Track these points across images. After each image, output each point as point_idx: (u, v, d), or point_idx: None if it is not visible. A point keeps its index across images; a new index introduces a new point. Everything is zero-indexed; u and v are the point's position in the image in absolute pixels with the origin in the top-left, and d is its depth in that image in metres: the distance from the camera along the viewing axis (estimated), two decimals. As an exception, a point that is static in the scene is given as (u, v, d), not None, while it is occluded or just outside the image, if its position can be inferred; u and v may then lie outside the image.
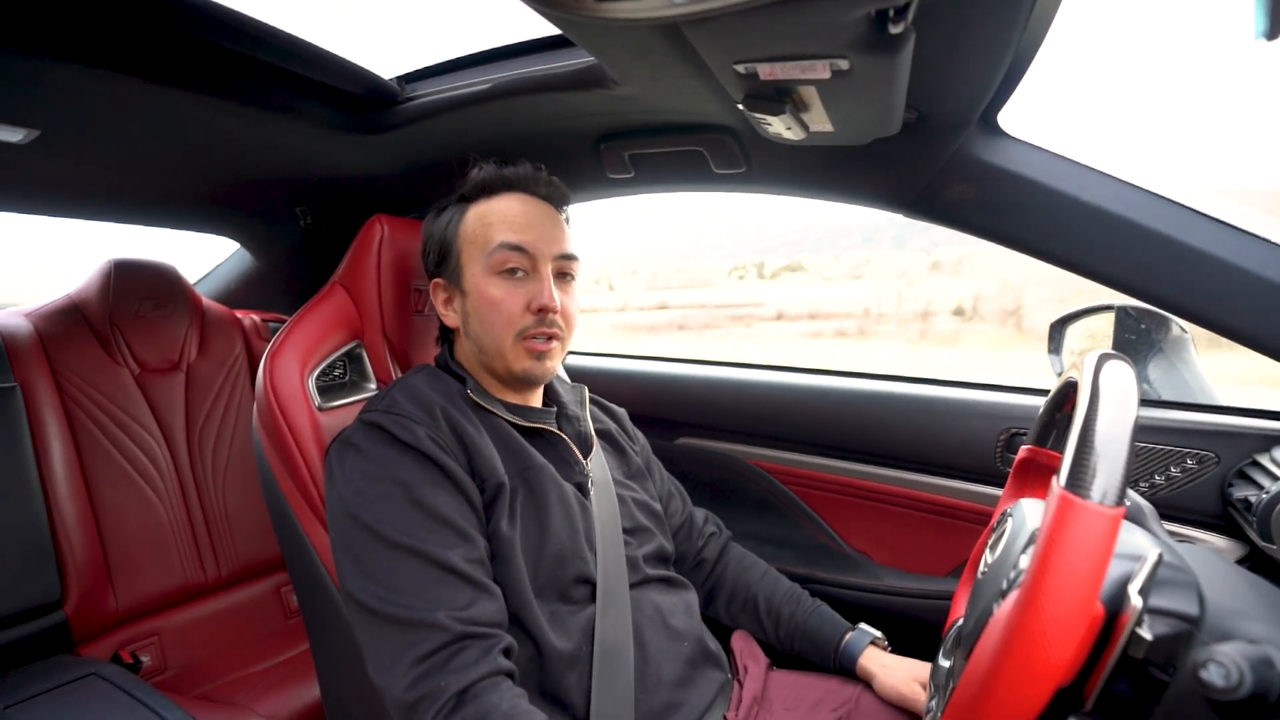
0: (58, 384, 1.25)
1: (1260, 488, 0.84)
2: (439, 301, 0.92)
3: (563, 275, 0.90)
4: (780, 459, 1.35)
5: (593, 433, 0.97)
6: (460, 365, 0.92)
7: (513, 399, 0.92)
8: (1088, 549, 0.42)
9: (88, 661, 1.13)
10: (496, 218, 0.88)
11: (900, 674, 0.92)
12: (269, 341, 0.95)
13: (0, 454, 1.14)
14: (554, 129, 1.07)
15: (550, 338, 0.87)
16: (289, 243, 1.57)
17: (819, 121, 0.79)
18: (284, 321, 1.19)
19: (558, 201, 0.94)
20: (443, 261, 0.91)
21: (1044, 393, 1.13)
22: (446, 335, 0.97)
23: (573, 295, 0.91)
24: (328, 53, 0.93)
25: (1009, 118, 0.91)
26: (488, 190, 0.91)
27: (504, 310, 0.85)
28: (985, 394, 1.17)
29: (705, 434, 1.45)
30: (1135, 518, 0.60)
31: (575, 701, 0.79)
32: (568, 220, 0.95)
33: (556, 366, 0.90)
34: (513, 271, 0.86)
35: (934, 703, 0.63)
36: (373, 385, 1.02)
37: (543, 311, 0.85)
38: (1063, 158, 0.91)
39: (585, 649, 0.81)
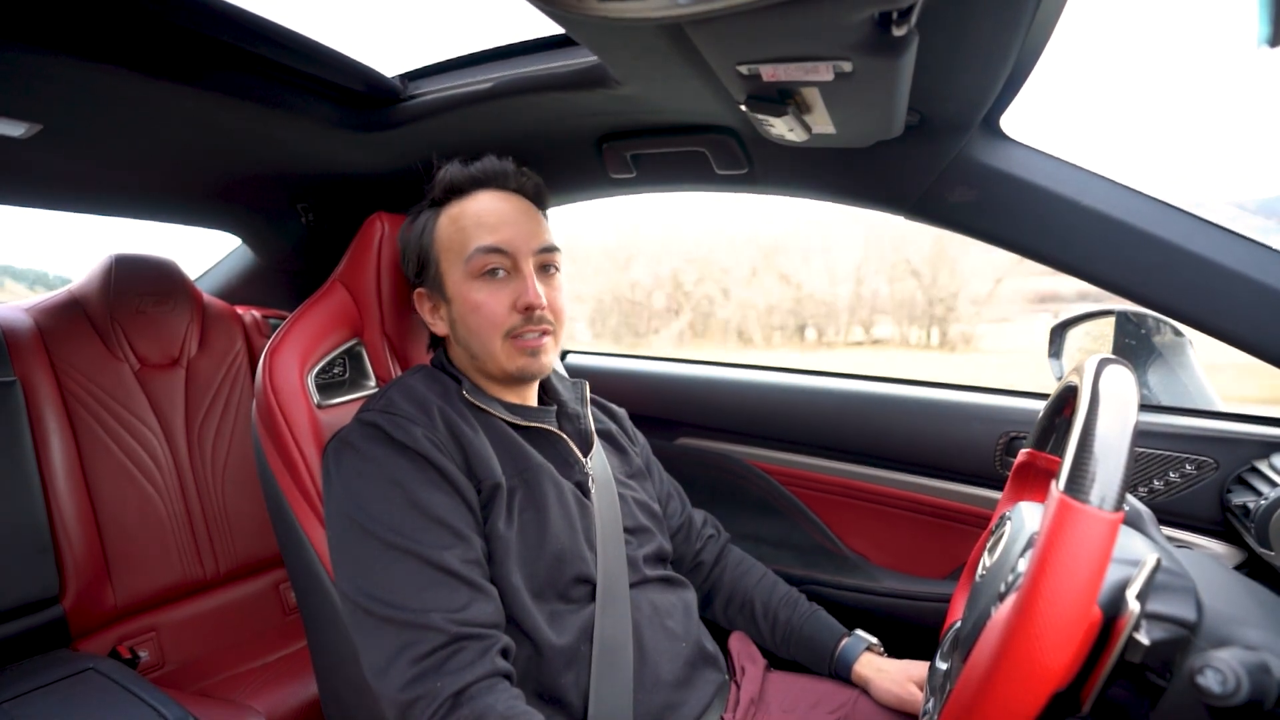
0: (58, 379, 1.25)
1: (1259, 494, 0.84)
2: (425, 311, 0.92)
3: (545, 268, 0.89)
4: (780, 460, 1.35)
5: (593, 431, 0.97)
6: (455, 367, 0.92)
7: (511, 398, 0.91)
8: (1086, 553, 0.42)
9: (85, 657, 1.13)
10: (469, 220, 0.86)
11: (895, 675, 0.92)
12: (269, 338, 0.95)
13: (0, 449, 1.14)
14: (556, 128, 1.07)
15: (542, 333, 0.86)
16: (290, 239, 1.57)
17: (821, 123, 0.79)
18: (284, 318, 1.19)
19: (531, 193, 0.92)
20: (423, 271, 0.91)
21: (1044, 397, 1.13)
22: (437, 342, 0.97)
23: (558, 287, 0.90)
24: (330, 50, 0.93)
25: (1011, 121, 0.91)
26: (457, 191, 0.89)
27: (488, 313, 0.85)
28: (985, 397, 1.17)
29: (705, 434, 1.45)
30: (1134, 523, 0.60)
31: (573, 701, 0.79)
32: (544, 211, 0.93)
33: (552, 360, 0.89)
34: (494, 273, 0.85)
35: (931, 704, 0.63)
36: (372, 383, 1.02)
37: (529, 310, 0.85)
38: (1065, 162, 0.91)
39: (584, 648, 0.81)
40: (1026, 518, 0.60)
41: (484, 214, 0.87)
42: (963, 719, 0.48)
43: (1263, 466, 0.87)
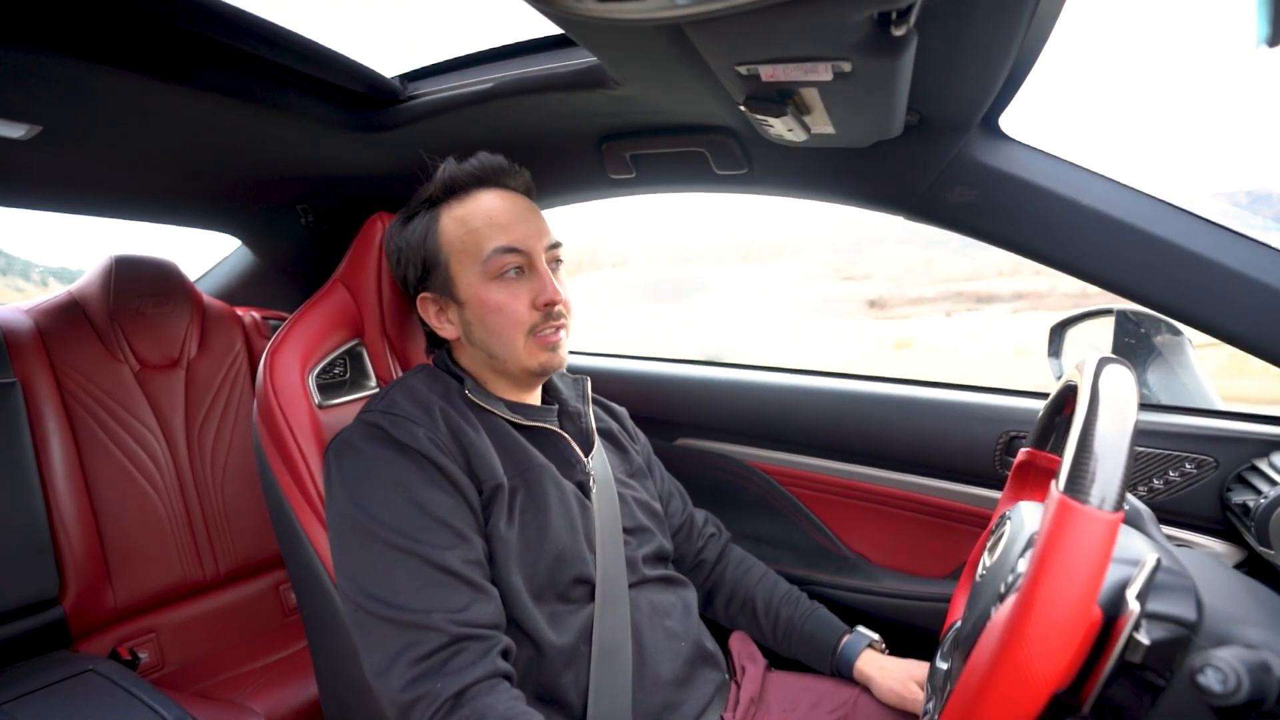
0: (58, 380, 1.25)
1: (1259, 493, 0.84)
2: (430, 315, 0.91)
3: (555, 263, 0.89)
4: (779, 460, 1.35)
5: (594, 430, 0.97)
6: (460, 367, 0.92)
7: (513, 397, 0.91)
8: (1086, 553, 0.42)
9: (85, 658, 1.13)
10: (480, 221, 0.86)
11: (897, 674, 0.92)
12: (269, 339, 0.95)
13: (0, 450, 1.14)
14: (555, 129, 1.07)
15: (559, 328, 0.87)
16: (290, 240, 1.57)
17: (820, 123, 0.79)
18: (285, 319, 1.19)
19: (524, 190, 0.92)
20: (428, 275, 0.89)
21: (1044, 396, 1.13)
22: (437, 343, 0.95)
23: (564, 280, 0.90)
24: (330, 50, 0.93)
25: (1011, 121, 0.91)
26: (457, 190, 0.89)
27: (511, 313, 0.85)
28: (985, 397, 1.17)
29: (704, 435, 1.45)
30: (1134, 522, 0.60)
31: (573, 701, 0.79)
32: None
33: (567, 353, 0.90)
34: (511, 272, 0.85)
35: (931, 704, 0.63)
36: (372, 383, 1.02)
37: (549, 305, 0.85)
38: (1065, 161, 0.91)
39: (584, 648, 0.81)
40: (1026, 517, 0.60)
41: (495, 213, 0.86)
42: (963, 719, 0.48)
43: (1263, 465, 0.87)
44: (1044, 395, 1.13)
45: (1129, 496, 0.59)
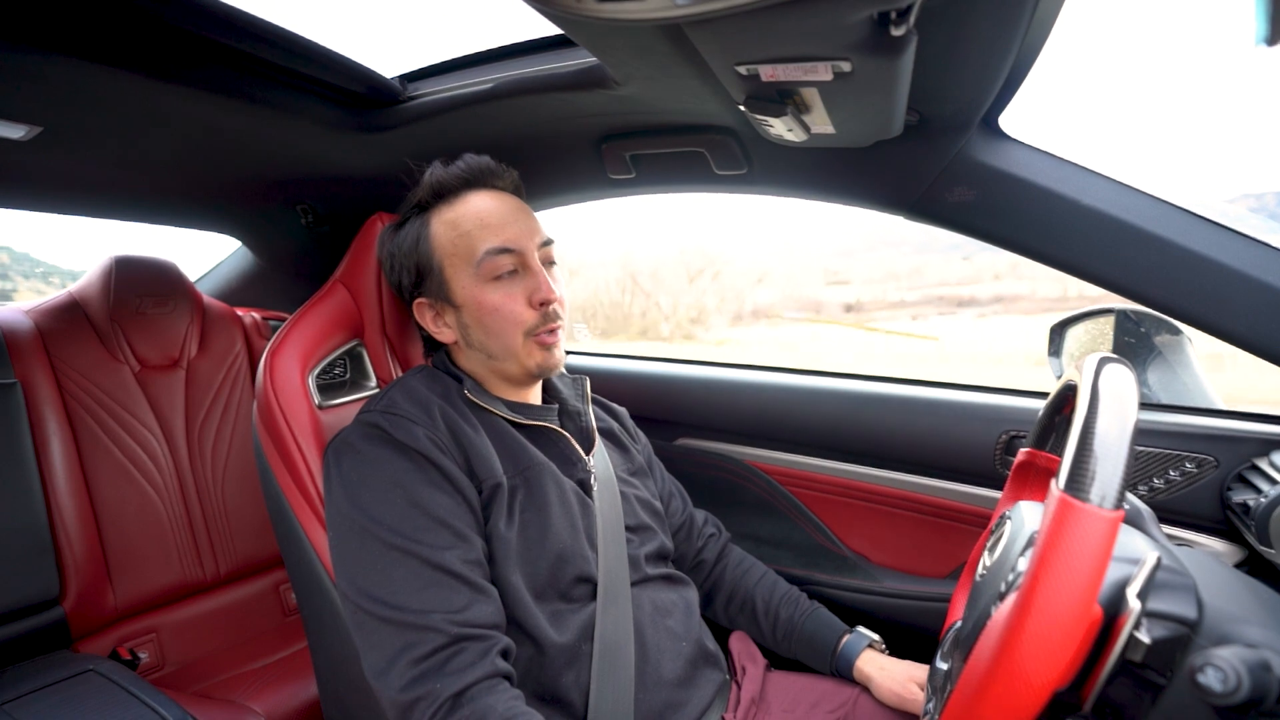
0: (58, 381, 1.25)
1: (1259, 492, 0.84)
2: (427, 320, 0.90)
3: (548, 261, 0.89)
4: (779, 460, 1.35)
5: (595, 428, 0.97)
6: (460, 368, 0.91)
7: (513, 397, 0.91)
8: (1086, 551, 0.42)
9: (86, 658, 1.13)
10: (471, 223, 0.86)
11: (898, 675, 0.92)
12: (269, 339, 0.95)
13: (0, 450, 1.14)
14: (555, 129, 1.07)
15: (555, 328, 0.87)
16: (290, 241, 1.57)
17: (820, 123, 0.79)
18: (284, 320, 1.19)
19: (513, 189, 0.92)
20: (422, 280, 0.89)
21: (1044, 395, 1.13)
22: (434, 347, 0.95)
23: (558, 278, 0.90)
24: (330, 51, 0.93)
25: (1011, 121, 0.91)
26: (445, 194, 0.88)
27: (508, 314, 0.85)
28: (985, 396, 1.17)
29: (704, 435, 1.45)
30: (1134, 521, 0.60)
31: (574, 700, 0.79)
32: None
33: (564, 352, 0.90)
34: (505, 273, 0.85)
35: (931, 705, 0.63)
36: (372, 384, 1.02)
37: (545, 304, 0.85)
38: (1064, 161, 0.91)
39: (585, 647, 0.81)
40: (1026, 517, 0.60)
41: (485, 215, 0.86)
42: (963, 718, 0.48)
43: (1263, 464, 0.87)
44: (1044, 395, 1.13)
45: (1129, 495, 0.59)
